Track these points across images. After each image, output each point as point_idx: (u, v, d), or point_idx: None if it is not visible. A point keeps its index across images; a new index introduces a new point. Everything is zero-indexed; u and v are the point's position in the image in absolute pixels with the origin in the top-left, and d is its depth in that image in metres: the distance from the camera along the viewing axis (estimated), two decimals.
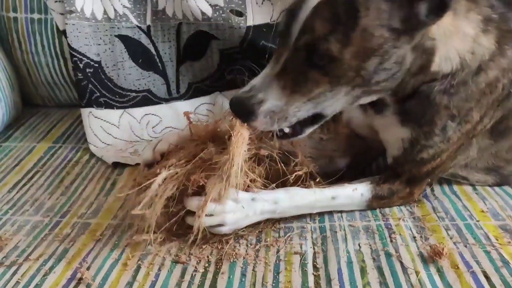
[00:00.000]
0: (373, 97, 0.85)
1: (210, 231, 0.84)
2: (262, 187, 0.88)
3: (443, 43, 0.81)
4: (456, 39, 0.82)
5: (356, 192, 0.92)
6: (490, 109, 0.89)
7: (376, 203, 0.93)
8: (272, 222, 0.91)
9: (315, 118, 0.84)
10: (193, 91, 1.34)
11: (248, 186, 0.86)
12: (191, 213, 0.84)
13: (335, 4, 0.73)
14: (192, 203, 0.83)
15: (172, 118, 1.31)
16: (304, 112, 0.80)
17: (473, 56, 0.84)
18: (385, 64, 0.76)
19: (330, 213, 0.94)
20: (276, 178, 0.89)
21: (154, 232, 0.83)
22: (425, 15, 0.74)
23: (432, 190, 1.01)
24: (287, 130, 0.84)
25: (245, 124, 0.80)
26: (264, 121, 0.79)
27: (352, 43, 0.73)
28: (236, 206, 0.84)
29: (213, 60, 1.31)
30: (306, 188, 0.89)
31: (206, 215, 0.81)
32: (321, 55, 0.74)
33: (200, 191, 0.83)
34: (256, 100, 0.78)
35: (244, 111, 0.78)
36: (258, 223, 0.89)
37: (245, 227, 0.88)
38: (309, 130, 0.86)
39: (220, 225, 0.84)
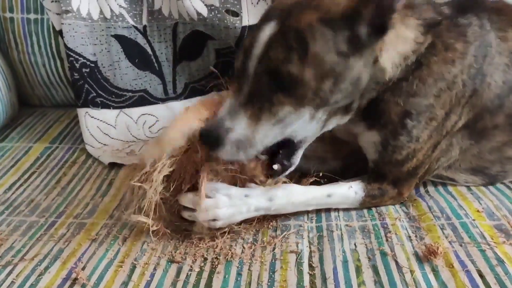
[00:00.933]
0: (342, 119, 0.88)
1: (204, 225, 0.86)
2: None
3: (386, 50, 0.84)
4: (399, 44, 0.85)
5: (350, 191, 0.93)
6: (456, 105, 0.90)
7: (368, 202, 0.94)
8: (269, 220, 0.91)
9: (291, 146, 0.86)
10: (190, 91, 1.34)
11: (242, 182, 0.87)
12: (187, 207, 0.86)
13: (286, 37, 0.77)
14: (186, 198, 0.86)
15: (168, 118, 1.30)
16: (271, 138, 0.82)
17: (412, 54, 0.87)
18: (340, 85, 0.80)
19: (328, 212, 0.94)
20: None
21: (152, 220, 0.84)
22: (367, 37, 0.78)
23: (427, 190, 1.01)
24: (276, 167, 0.86)
25: (211, 150, 0.81)
26: (229, 151, 0.80)
27: (308, 66, 0.76)
28: (229, 201, 0.85)
29: (209, 60, 1.32)
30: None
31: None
32: (283, 77, 0.77)
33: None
34: (224, 129, 0.79)
35: (212, 140, 0.79)
36: (255, 218, 0.89)
37: (241, 223, 0.89)
38: (297, 159, 0.88)
39: (214, 219, 0.85)
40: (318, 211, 0.94)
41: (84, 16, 1.25)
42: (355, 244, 0.85)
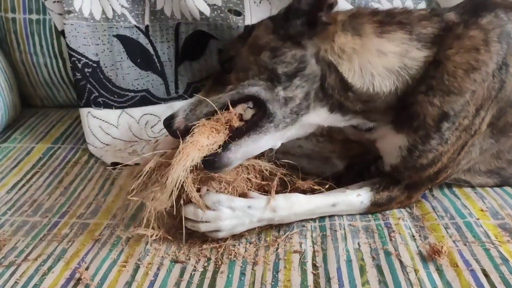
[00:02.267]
0: (316, 114, 0.89)
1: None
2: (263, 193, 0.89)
3: (347, 60, 0.86)
4: (370, 57, 0.86)
5: (357, 200, 0.92)
6: (487, 99, 0.88)
7: (374, 209, 0.93)
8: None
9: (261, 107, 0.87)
10: (192, 91, 1.34)
11: (246, 194, 0.87)
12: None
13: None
14: (188, 210, 0.85)
15: None
16: (225, 97, 0.87)
17: (411, 60, 0.87)
18: (281, 57, 0.86)
19: None
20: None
21: (153, 228, 0.84)
22: (301, 28, 0.86)
23: (431, 190, 1.00)
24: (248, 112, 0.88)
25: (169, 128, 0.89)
26: (182, 120, 0.87)
27: (247, 45, 0.90)
28: (232, 213, 0.85)
29: (211, 60, 1.31)
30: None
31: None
32: (225, 60, 0.92)
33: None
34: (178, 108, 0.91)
35: (166, 120, 0.90)
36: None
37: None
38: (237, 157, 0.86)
39: (217, 230, 0.85)
40: None
41: (86, 16, 1.25)
42: (358, 244, 0.84)
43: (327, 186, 0.93)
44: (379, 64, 0.86)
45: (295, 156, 1.02)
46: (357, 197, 0.92)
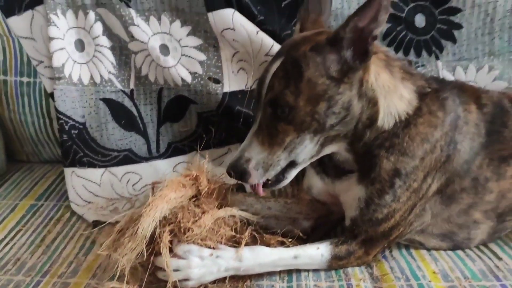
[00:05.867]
0: (336, 146, 0.98)
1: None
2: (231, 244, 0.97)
3: (384, 96, 0.96)
4: (395, 98, 0.98)
5: (317, 252, 1.00)
6: (433, 169, 1.00)
7: (335, 263, 1.01)
8: (243, 280, 0.98)
9: (291, 165, 0.96)
10: (172, 150, 1.42)
11: (212, 247, 0.95)
12: (161, 268, 0.93)
13: (286, 65, 0.91)
14: (160, 259, 0.92)
15: (151, 176, 1.37)
16: (283, 160, 0.94)
17: (404, 112, 0.99)
18: (333, 108, 0.91)
19: (298, 272, 1.01)
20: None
21: (127, 283, 0.90)
22: (352, 60, 0.90)
23: (391, 251, 1.09)
24: (271, 176, 0.95)
25: (243, 182, 0.95)
26: (257, 174, 0.93)
27: (302, 92, 0.89)
28: (201, 262, 0.93)
29: (191, 122, 1.41)
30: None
31: (173, 270, 0.91)
32: (282, 107, 0.90)
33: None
34: (244, 160, 0.92)
35: (238, 172, 0.93)
36: (226, 277, 0.96)
37: (215, 282, 0.95)
38: (291, 177, 0.97)
39: (186, 279, 0.92)
40: (289, 271, 1.01)
41: (75, 81, 1.34)
42: None
43: (294, 240, 1.02)
44: (398, 106, 0.98)
45: (264, 217, 1.09)
46: (317, 250, 1.00)
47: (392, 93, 0.97)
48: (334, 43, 0.90)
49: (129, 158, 1.39)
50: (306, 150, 0.94)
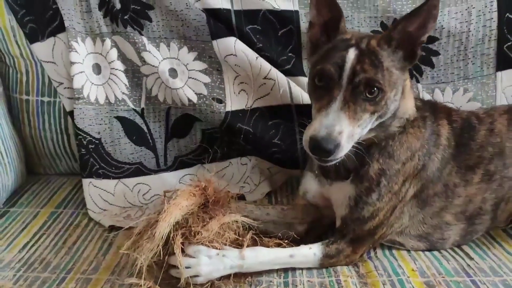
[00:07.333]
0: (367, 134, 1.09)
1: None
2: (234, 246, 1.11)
3: (406, 98, 1.13)
4: (409, 103, 1.15)
5: (310, 252, 1.13)
6: (411, 175, 1.15)
7: (326, 262, 1.15)
8: (245, 277, 1.11)
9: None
10: (179, 164, 1.56)
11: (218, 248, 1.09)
12: (174, 266, 1.07)
13: (367, 54, 1.03)
14: (173, 258, 1.06)
15: (160, 186, 1.50)
16: (357, 135, 1.03)
17: (405, 118, 1.15)
18: (396, 96, 1.07)
19: (293, 270, 1.14)
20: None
21: (144, 279, 1.03)
22: (403, 59, 1.06)
23: (376, 253, 1.23)
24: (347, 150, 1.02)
25: (329, 157, 0.99)
26: (347, 146, 1.00)
27: (385, 79, 1.02)
28: (209, 261, 1.07)
29: (196, 138, 1.55)
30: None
31: (185, 267, 1.04)
32: (375, 90, 1.01)
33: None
34: (337, 132, 0.98)
35: (329, 146, 0.96)
36: (231, 274, 1.09)
37: (220, 279, 1.09)
38: (347, 149, 1.01)
39: (196, 276, 1.06)
40: (285, 269, 1.14)
41: (92, 101, 1.48)
42: None
43: (289, 240, 1.15)
44: (409, 111, 1.15)
45: (263, 222, 1.23)
46: (310, 249, 1.13)
47: (410, 98, 1.15)
48: (389, 42, 1.04)
49: (139, 170, 1.53)
50: (365, 130, 1.05)
